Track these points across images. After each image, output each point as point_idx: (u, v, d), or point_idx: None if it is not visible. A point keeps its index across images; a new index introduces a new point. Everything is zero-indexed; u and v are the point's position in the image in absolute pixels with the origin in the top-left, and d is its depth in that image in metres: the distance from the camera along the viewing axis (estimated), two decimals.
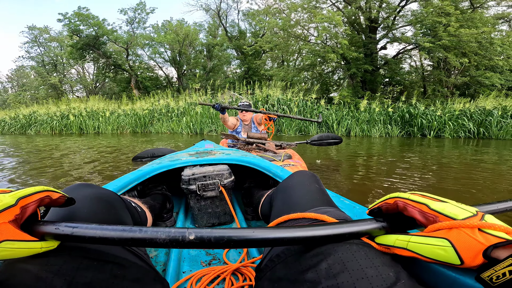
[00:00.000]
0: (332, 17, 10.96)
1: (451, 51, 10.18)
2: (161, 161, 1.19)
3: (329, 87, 14.90)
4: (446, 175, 2.93)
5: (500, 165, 3.55)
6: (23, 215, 0.34)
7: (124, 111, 10.92)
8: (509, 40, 9.91)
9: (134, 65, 19.21)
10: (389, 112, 9.24)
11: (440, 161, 3.86)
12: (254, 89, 10.61)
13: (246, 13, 20.72)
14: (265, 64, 19.06)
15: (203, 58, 20.44)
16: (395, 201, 0.39)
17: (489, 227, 0.30)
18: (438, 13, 10.23)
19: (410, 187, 2.46)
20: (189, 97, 11.06)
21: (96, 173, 2.96)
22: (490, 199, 2.12)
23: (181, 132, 9.81)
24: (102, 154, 4.31)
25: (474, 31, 9.29)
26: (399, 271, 0.33)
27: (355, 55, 11.22)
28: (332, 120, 9.30)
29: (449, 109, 8.73)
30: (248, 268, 0.81)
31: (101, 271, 0.37)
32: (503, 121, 8.09)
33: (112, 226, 0.36)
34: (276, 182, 1.10)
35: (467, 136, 8.24)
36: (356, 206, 0.71)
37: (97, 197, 0.54)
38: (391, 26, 12.31)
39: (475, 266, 0.30)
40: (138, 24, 19.53)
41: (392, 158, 4.17)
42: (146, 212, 0.83)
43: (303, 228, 0.37)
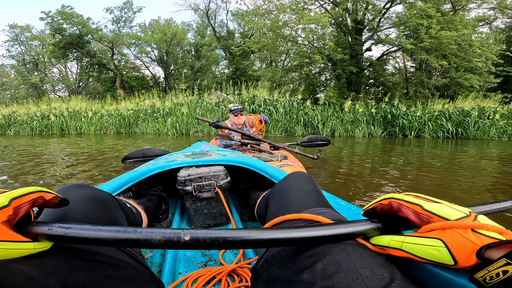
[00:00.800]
0: (319, 18, 11.09)
1: (432, 53, 10.47)
2: (157, 162, 1.19)
3: (316, 87, 15.06)
4: (427, 174, 3.03)
5: (479, 163, 3.71)
6: (16, 215, 0.34)
7: (108, 111, 10.71)
8: (488, 42, 10.26)
9: (119, 64, 18.86)
10: (372, 113, 9.44)
11: (422, 161, 3.99)
12: (241, 90, 10.62)
13: (235, 13, 20.71)
14: (254, 64, 19.07)
15: (191, 58, 20.28)
16: (389, 202, 0.39)
17: (482, 228, 0.30)
18: (420, 16, 10.50)
19: (396, 186, 2.53)
20: (176, 97, 10.96)
21: (82, 175, 2.89)
22: (469, 197, 2.21)
23: (167, 133, 9.71)
24: (87, 155, 4.22)
25: (454, 34, 9.57)
26: (394, 271, 0.33)
27: (340, 57, 11.38)
28: (318, 121, 9.41)
29: (428, 109, 8.99)
30: (244, 269, 0.81)
31: (95, 271, 0.37)
32: (480, 121, 8.40)
33: (106, 226, 0.35)
34: (272, 183, 1.10)
35: (445, 136, 8.51)
36: (351, 207, 0.72)
37: (91, 198, 0.53)
38: (376, 28, 12.56)
39: (469, 267, 0.30)
40: (125, 23, 19.21)
41: (377, 158, 4.27)
42: (141, 213, 0.82)
43: (299, 229, 0.37)
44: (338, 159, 4.15)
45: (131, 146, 5.69)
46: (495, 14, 13.95)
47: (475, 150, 5.40)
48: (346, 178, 2.82)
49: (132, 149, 5.12)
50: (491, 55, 9.89)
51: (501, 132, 8.29)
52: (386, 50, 13.50)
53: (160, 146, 5.55)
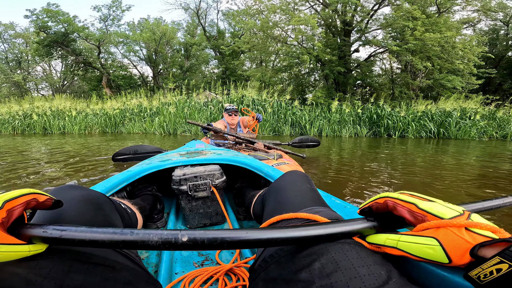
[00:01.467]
0: (308, 20, 11.19)
1: (417, 54, 10.72)
2: (151, 162, 1.17)
3: (305, 88, 15.19)
4: (413, 172, 3.09)
5: (460, 161, 3.82)
6: (10, 218, 0.33)
7: (94, 111, 10.50)
8: (470, 44, 10.56)
9: (106, 63, 18.55)
10: (359, 113, 9.58)
11: (406, 159, 4.07)
12: (229, 90, 10.61)
13: (226, 13, 20.69)
14: (244, 64, 19.07)
15: (180, 58, 20.12)
16: (385, 201, 0.39)
17: (476, 226, 0.30)
18: (406, 17, 10.74)
19: (383, 183, 2.56)
20: (164, 97, 10.84)
21: (71, 175, 2.79)
22: (452, 192, 2.27)
23: (154, 132, 9.60)
24: (74, 155, 4.13)
25: (438, 35, 9.82)
26: (390, 269, 0.34)
27: (328, 57, 11.51)
28: (305, 121, 9.49)
29: (412, 110, 9.20)
30: (241, 269, 0.81)
31: (92, 274, 0.36)
32: (461, 122, 8.64)
33: (102, 228, 0.35)
34: (268, 182, 1.09)
35: (428, 136, 8.72)
36: (347, 206, 0.72)
37: (85, 199, 0.52)
38: (364, 29, 12.77)
39: (463, 265, 0.30)
40: (113, 22, 18.91)
41: (364, 157, 4.33)
42: (136, 213, 0.81)
43: (296, 228, 0.37)
44: (327, 158, 4.20)
45: (119, 145, 5.59)
46: (479, 17, 14.42)
47: (456, 149, 5.56)
48: (336, 176, 2.87)
49: (120, 148, 5.05)
50: (473, 57, 10.19)
51: (482, 132, 8.55)
52: (373, 51, 13.76)
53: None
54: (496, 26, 16.75)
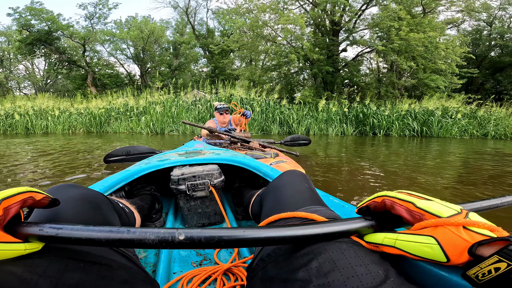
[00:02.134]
0: (296, 19, 11.24)
1: (402, 54, 10.92)
2: (150, 161, 1.16)
3: (293, 87, 15.27)
4: (399, 168, 3.17)
5: (443, 159, 3.93)
6: (6, 216, 0.33)
7: (78, 110, 10.29)
8: (453, 45, 10.81)
9: (91, 61, 18.17)
10: (345, 112, 9.71)
11: (392, 156, 4.14)
12: (217, 89, 10.57)
13: (215, 12, 20.55)
14: (233, 63, 19.02)
15: (169, 56, 19.90)
16: (382, 200, 0.39)
17: (474, 225, 0.30)
18: (392, 18, 10.91)
19: (370, 179, 2.61)
20: (151, 96, 10.71)
21: (62, 176, 2.70)
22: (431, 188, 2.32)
23: (141, 132, 9.48)
24: (59, 155, 4.03)
25: (421, 36, 10.02)
26: (388, 269, 0.33)
27: (316, 57, 11.60)
28: (293, 120, 9.55)
29: (396, 109, 9.38)
30: (239, 268, 0.80)
31: (88, 272, 0.36)
32: (443, 120, 8.86)
33: (99, 227, 0.34)
34: (266, 181, 1.09)
35: (411, 134, 8.91)
36: (345, 205, 0.72)
37: (83, 197, 0.52)
38: (352, 29, 12.92)
39: (461, 264, 0.30)
40: (99, 20, 18.53)
41: (351, 154, 4.39)
42: (134, 213, 0.80)
43: (294, 227, 0.37)
44: (317, 156, 4.27)
45: (105, 145, 5.50)
46: (463, 17, 14.78)
47: (439, 148, 5.70)
48: (326, 173, 2.91)
49: (107, 148, 4.96)
50: (455, 57, 10.45)
51: (463, 131, 8.79)
52: (361, 51, 13.94)
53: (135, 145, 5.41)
54: (479, 26, 17.19)
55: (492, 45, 15.87)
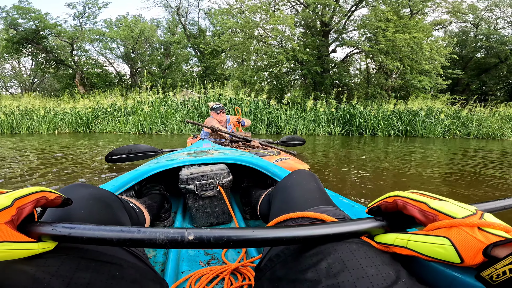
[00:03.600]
0: (285, 20, 11.31)
1: (390, 55, 11.07)
2: (159, 161, 1.17)
3: (284, 87, 15.35)
4: (384, 168, 3.22)
5: (426, 158, 4.04)
6: (20, 216, 0.33)
7: (64, 110, 10.18)
8: (437, 46, 11.00)
9: (79, 60, 17.96)
10: (333, 112, 9.81)
11: (378, 154, 4.23)
12: (206, 88, 10.58)
13: (207, 12, 20.53)
14: (224, 63, 19.01)
15: (159, 56, 19.80)
16: (394, 200, 0.38)
17: (489, 226, 0.30)
18: (380, 19, 11.06)
19: (357, 177, 2.65)
20: (139, 96, 10.67)
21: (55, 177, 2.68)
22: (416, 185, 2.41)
23: (128, 132, 9.44)
24: (50, 156, 4.00)
25: (407, 36, 10.19)
26: (399, 269, 0.33)
27: (306, 57, 11.68)
28: (281, 120, 9.62)
29: (382, 109, 9.52)
30: (247, 268, 0.80)
31: (99, 272, 0.36)
32: (427, 120, 9.03)
33: (110, 226, 0.35)
34: (274, 181, 1.09)
35: (396, 134, 9.05)
36: (355, 205, 0.71)
37: (94, 197, 0.52)
38: (341, 30, 13.04)
39: (475, 265, 0.29)
40: (88, 19, 18.32)
41: (339, 153, 4.47)
42: (144, 212, 0.81)
43: (303, 227, 0.37)
44: (313, 155, 4.38)
45: (94, 144, 5.47)
46: (450, 19, 15.04)
47: (423, 147, 5.82)
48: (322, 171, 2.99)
49: (98, 147, 4.94)
50: (439, 58, 10.64)
51: (446, 131, 8.97)
52: (350, 52, 14.09)
53: (121, 145, 5.39)
54: (466, 28, 17.49)
55: (478, 46, 16.14)
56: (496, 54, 15.40)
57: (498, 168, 3.38)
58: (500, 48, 14.82)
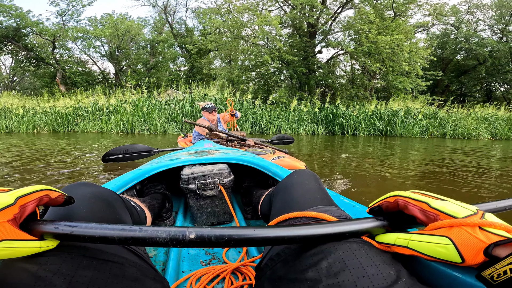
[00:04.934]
0: (271, 20, 11.38)
1: (373, 56, 11.31)
2: (160, 160, 1.17)
3: (270, 87, 15.45)
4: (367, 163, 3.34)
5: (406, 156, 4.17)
6: (22, 214, 0.33)
7: (44, 109, 9.95)
8: (416, 47, 11.30)
9: (61, 59, 17.54)
10: (316, 112, 9.96)
11: (360, 153, 4.34)
12: (191, 88, 10.55)
13: (195, 11, 20.42)
14: (212, 63, 18.96)
15: (145, 55, 19.55)
16: (395, 200, 0.38)
17: (490, 226, 0.30)
18: (364, 21, 11.27)
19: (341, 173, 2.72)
20: (123, 95, 10.53)
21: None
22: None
23: (110, 131, 9.31)
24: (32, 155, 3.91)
25: (388, 38, 10.44)
26: (400, 269, 0.33)
27: (291, 58, 11.79)
28: (266, 120, 9.69)
29: (363, 110, 9.73)
30: (248, 267, 0.80)
31: (101, 270, 0.36)
32: (406, 120, 9.29)
33: (112, 225, 0.35)
34: (275, 181, 1.09)
35: (377, 134, 9.27)
36: (356, 205, 0.71)
37: (96, 196, 0.52)
38: (327, 31, 13.23)
39: (476, 264, 0.30)
40: (71, 16, 17.92)
41: (324, 151, 4.57)
42: (145, 211, 0.81)
43: (304, 226, 0.37)
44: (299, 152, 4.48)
45: (75, 144, 5.38)
46: (432, 21, 15.47)
47: (401, 146, 5.99)
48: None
49: (80, 146, 4.86)
50: (419, 59, 10.94)
51: (424, 131, 9.25)
52: (335, 53, 14.30)
53: (103, 145, 5.33)
54: (447, 30, 17.97)
55: (458, 48, 16.59)
56: (475, 56, 15.90)
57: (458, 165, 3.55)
58: (479, 50, 15.31)
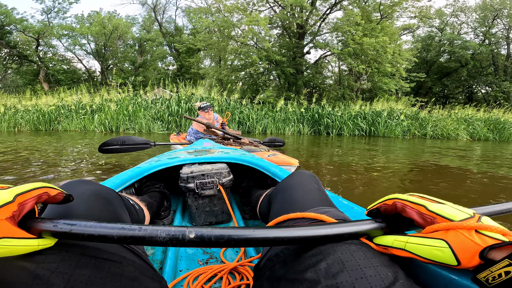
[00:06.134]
0: (260, 21, 11.44)
1: (359, 58, 11.51)
2: (160, 159, 1.16)
3: (259, 87, 15.52)
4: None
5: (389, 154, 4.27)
6: (21, 212, 0.33)
7: (26, 107, 9.72)
8: (399, 49, 11.57)
9: (44, 56, 17.17)
10: (302, 112, 10.08)
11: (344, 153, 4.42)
12: (178, 88, 10.51)
13: (185, 10, 20.31)
14: (201, 62, 18.87)
15: (133, 53, 19.32)
16: (393, 202, 0.39)
17: (486, 229, 0.30)
18: (351, 23, 11.47)
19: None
20: (108, 93, 10.39)
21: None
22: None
23: (94, 130, 9.17)
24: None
25: (373, 40, 10.66)
26: (397, 271, 0.33)
27: (279, 58, 11.87)
28: (252, 119, 9.74)
29: (348, 110, 9.91)
30: (245, 267, 0.80)
31: (99, 269, 0.35)
32: (388, 121, 9.51)
33: (111, 224, 0.34)
34: (274, 181, 1.09)
35: (361, 134, 9.45)
36: (355, 207, 0.72)
37: (95, 194, 0.52)
38: (316, 32, 13.39)
39: (472, 267, 0.30)
40: (57, 14, 17.56)
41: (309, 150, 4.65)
42: (144, 209, 0.80)
43: (303, 227, 0.37)
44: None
45: (59, 142, 5.28)
46: (418, 23, 15.83)
47: (383, 146, 6.14)
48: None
49: (59, 145, 4.78)
50: (402, 61, 11.21)
51: (405, 131, 9.49)
52: (323, 53, 14.49)
53: (86, 144, 5.26)
54: (432, 32, 18.32)
55: (441, 50, 16.94)
56: (458, 58, 16.37)
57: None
58: (461, 52, 15.72)
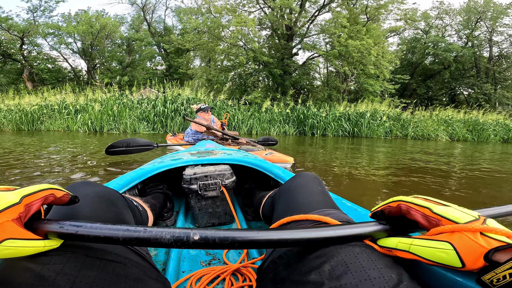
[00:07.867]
0: (248, 22, 11.52)
1: (345, 59, 11.70)
2: (163, 160, 1.17)
3: (247, 88, 15.59)
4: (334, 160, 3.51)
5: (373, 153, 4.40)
6: (27, 213, 0.33)
7: (8, 106, 9.56)
8: (383, 51, 11.81)
9: (29, 55, 16.89)
10: (288, 113, 10.21)
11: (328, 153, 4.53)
12: (165, 88, 10.49)
13: (174, 10, 20.23)
14: (191, 62, 18.84)
15: (121, 52, 19.16)
16: (398, 205, 0.39)
17: (491, 231, 0.30)
18: (337, 25, 11.64)
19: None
20: (93, 93, 10.30)
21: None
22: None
23: (78, 130, 9.09)
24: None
25: (358, 42, 10.86)
26: (401, 273, 0.33)
27: (267, 59, 11.97)
28: (238, 120, 9.81)
29: (333, 111, 10.09)
30: (248, 269, 0.80)
31: (104, 270, 0.36)
32: (372, 122, 9.72)
33: (117, 225, 0.35)
34: (277, 183, 1.10)
35: (344, 134, 9.63)
36: (358, 209, 0.72)
37: (100, 195, 0.53)
38: (304, 34, 13.54)
39: (476, 269, 0.30)
40: (43, 12, 17.28)
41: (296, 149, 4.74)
42: (147, 211, 0.81)
43: (307, 230, 0.37)
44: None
45: (36, 145, 5.23)
46: (404, 26, 16.16)
47: (367, 146, 6.28)
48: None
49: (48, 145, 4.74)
50: (385, 63, 11.46)
51: (387, 132, 9.71)
52: (311, 55, 14.67)
53: (69, 144, 5.24)
54: (417, 35, 18.63)
55: (426, 53, 17.26)
56: (441, 61, 16.77)
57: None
58: (444, 55, 16.10)
